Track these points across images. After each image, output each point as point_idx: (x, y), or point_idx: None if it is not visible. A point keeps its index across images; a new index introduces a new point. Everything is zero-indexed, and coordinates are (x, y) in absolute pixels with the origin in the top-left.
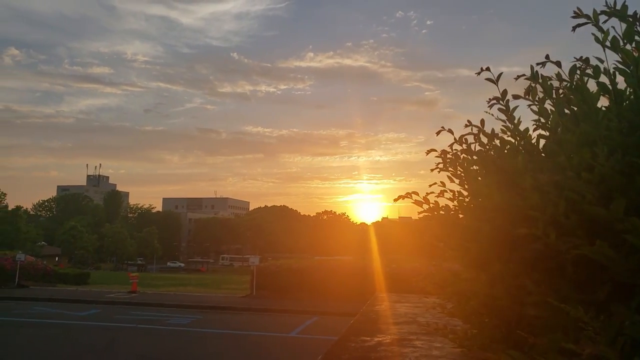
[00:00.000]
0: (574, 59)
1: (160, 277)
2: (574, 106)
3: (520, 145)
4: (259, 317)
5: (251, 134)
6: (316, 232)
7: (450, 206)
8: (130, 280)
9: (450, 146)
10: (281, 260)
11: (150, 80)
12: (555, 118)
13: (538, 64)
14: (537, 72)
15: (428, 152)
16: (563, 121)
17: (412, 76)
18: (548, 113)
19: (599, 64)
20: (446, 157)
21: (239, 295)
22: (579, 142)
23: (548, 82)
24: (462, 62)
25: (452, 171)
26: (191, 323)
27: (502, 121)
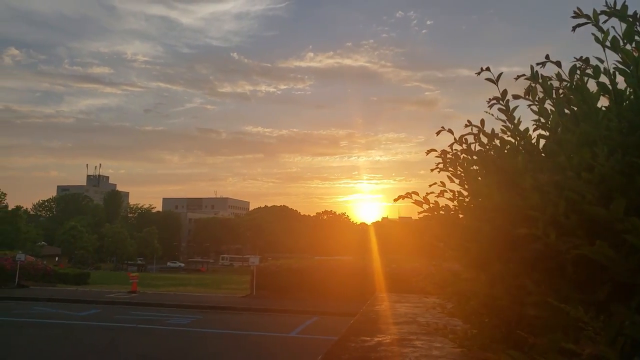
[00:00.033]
0: (574, 59)
1: (160, 277)
2: (574, 106)
3: (520, 145)
4: (259, 317)
5: (251, 134)
6: (316, 232)
7: (450, 206)
8: (130, 280)
9: (450, 146)
10: (281, 260)
11: (150, 80)
12: (555, 118)
13: (538, 64)
14: (537, 72)
15: (428, 152)
16: (563, 121)
17: (412, 76)
18: (548, 113)
19: (599, 64)
20: (446, 157)
21: (239, 295)
22: (579, 142)
23: (548, 82)
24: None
25: (452, 171)
26: (191, 323)
27: (502, 121)
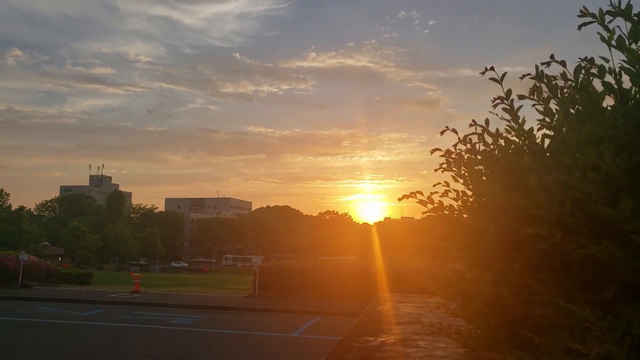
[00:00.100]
0: (579, 59)
1: (162, 277)
2: (579, 106)
3: (524, 144)
4: (262, 317)
5: (253, 134)
6: (318, 232)
7: (454, 206)
8: (132, 280)
9: (454, 146)
10: (283, 260)
11: (152, 80)
12: (560, 117)
13: (543, 64)
14: (542, 72)
15: (433, 151)
16: (568, 120)
17: (415, 76)
18: (553, 112)
19: (604, 64)
20: (450, 157)
21: (242, 295)
22: (585, 142)
23: (553, 82)
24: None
25: (456, 171)
26: (194, 323)
27: (507, 121)
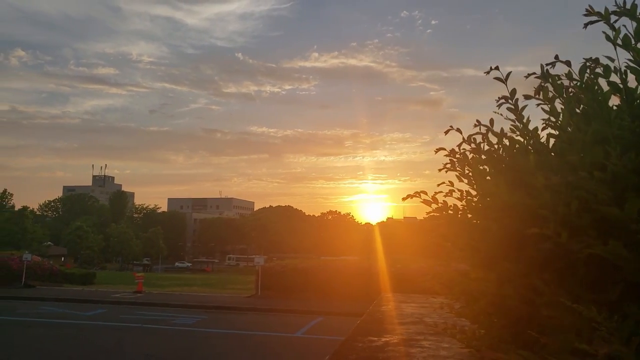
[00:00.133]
0: (584, 60)
1: (165, 277)
2: (585, 105)
3: (529, 144)
4: (264, 317)
5: (256, 134)
6: (321, 232)
7: (458, 206)
8: (135, 280)
9: (458, 146)
10: (286, 260)
11: (155, 80)
12: (566, 117)
13: (548, 64)
14: (547, 71)
15: (437, 151)
16: (574, 120)
17: (417, 76)
18: (558, 112)
19: (610, 63)
20: (455, 157)
21: (244, 295)
22: (591, 141)
23: (558, 81)
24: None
25: (460, 171)
26: (196, 323)
27: (511, 120)
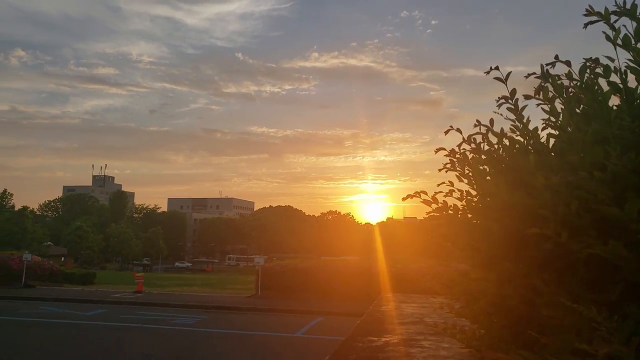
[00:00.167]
0: (583, 60)
1: (165, 277)
2: (585, 105)
3: (529, 144)
4: (264, 317)
5: (256, 134)
6: (321, 233)
7: (458, 206)
8: (135, 280)
9: (458, 146)
10: (286, 260)
11: (155, 80)
12: (566, 117)
13: (548, 64)
14: (547, 71)
15: (437, 151)
16: (574, 120)
17: (417, 76)
18: (558, 112)
19: (610, 63)
20: (455, 157)
21: (244, 295)
22: (591, 141)
23: (558, 82)
24: (467, 62)
25: (460, 171)
26: (196, 323)
27: (512, 120)
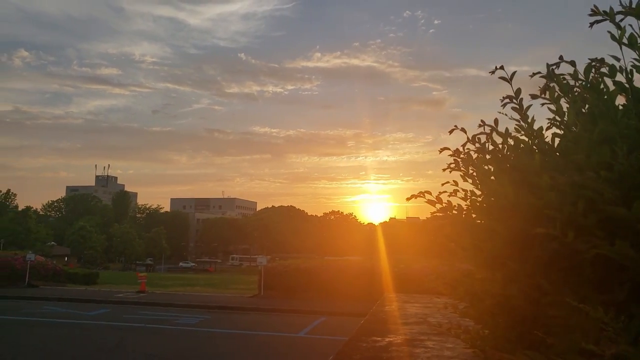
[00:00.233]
0: (589, 60)
1: (168, 277)
2: (591, 105)
3: (534, 144)
4: (267, 317)
5: (258, 135)
6: (323, 233)
7: (462, 206)
8: (138, 280)
9: (463, 145)
10: (289, 260)
11: (158, 81)
12: (572, 116)
13: (553, 65)
14: (553, 71)
15: (441, 150)
16: (580, 120)
17: (420, 76)
18: (564, 111)
19: (615, 63)
20: (459, 156)
21: (247, 295)
22: (598, 141)
23: (563, 81)
24: (470, 62)
25: (465, 170)
26: (199, 323)
27: (516, 120)
